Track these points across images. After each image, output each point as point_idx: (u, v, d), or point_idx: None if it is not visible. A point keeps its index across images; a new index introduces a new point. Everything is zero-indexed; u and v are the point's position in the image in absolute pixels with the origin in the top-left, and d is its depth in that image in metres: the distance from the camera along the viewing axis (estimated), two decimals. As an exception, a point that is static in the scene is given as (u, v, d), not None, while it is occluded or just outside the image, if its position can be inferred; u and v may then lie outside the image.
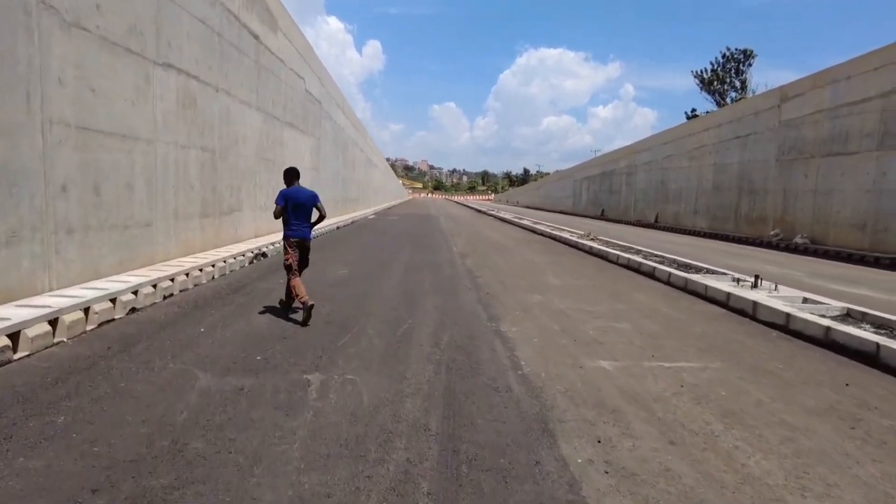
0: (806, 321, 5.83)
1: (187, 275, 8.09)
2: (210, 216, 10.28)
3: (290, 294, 6.41)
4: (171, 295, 7.46)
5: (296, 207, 6.69)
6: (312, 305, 6.13)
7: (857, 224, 17.07)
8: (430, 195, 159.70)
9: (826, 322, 5.67)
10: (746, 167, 23.10)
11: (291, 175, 6.79)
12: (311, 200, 6.88)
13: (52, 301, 5.54)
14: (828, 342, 5.47)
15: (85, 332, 5.52)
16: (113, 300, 6.23)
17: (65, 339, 5.28)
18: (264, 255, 11.62)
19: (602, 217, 40.73)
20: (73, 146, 6.37)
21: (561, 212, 50.89)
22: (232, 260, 9.83)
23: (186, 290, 7.89)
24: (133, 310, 6.48)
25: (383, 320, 6.31)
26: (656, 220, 32.17)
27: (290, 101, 15.96)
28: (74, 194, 6.39)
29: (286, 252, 6.64)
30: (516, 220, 28.20)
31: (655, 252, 12.96)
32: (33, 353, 4.78)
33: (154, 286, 7.14)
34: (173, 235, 8.91)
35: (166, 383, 4.18)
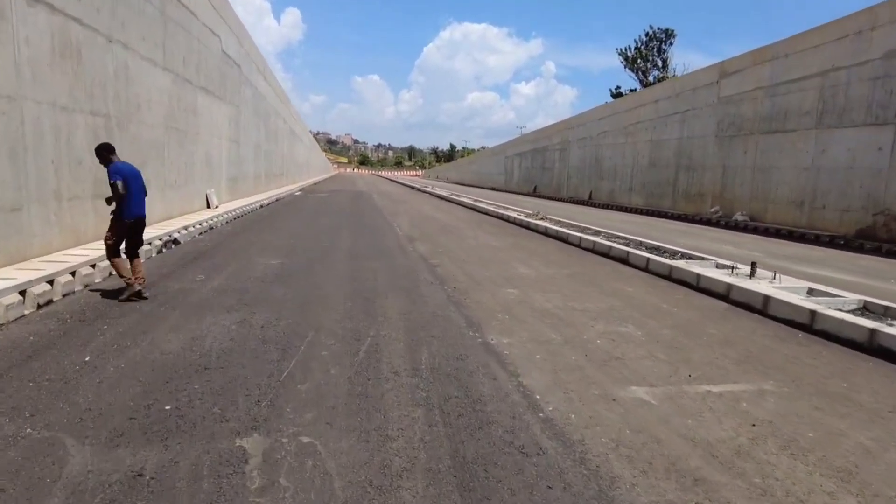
0: (840, 321, 5.02)
1: (73, 274, 6.28)
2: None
3: (128, 277, 5.90)
4: (50, 303, 5.67)
5: (134, 182, 6.04)
6: (140, 291, 5.87)
7: (796, 201, 17.21)
8: (355, 170, 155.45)
9: (867, 323, 4.86)
10: (685, 143, 23.04)
11: (109, 150, 6.04)
12: (140, 174, 6.33)
13: None
14: (874, 348, 4.67)
15: None
16: (-47, 319, 4.45)
17: None
18: (175, 241, 9.75)
19: (534, 194, 40.39)
20: None
21: (492, 188, 50.30)
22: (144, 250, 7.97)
23: (73, 293, 6.10)
24: (-13, 329, 4.71)
25: (337, 334, 4.92)
26: (590, 198, 32.07)
27: (204, 62, 13.78)
28: None
29: (112, 232, 5.96)
30: (454, 197, 27.03)
31: (615, 233, 12.18)
32: None
33: (22, 293, 5.34)
34: (55, 222, 6.99)
35: (15, 469, 2.64)
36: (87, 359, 4.18)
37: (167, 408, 3.39)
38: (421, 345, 4.67)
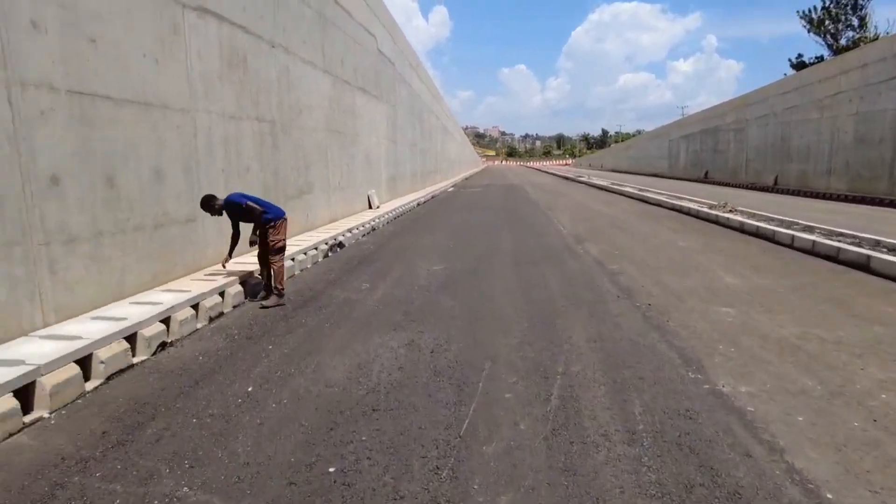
0: None
1: (244, 283, 6.20)
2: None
3: (275, 280, 6.08)
4: (221, 315, 5.57)
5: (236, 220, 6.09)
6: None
7: None
8: (503, 162, 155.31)
9: None
10: (910, 112, 18.73)
11: (211, 199, 5.89)
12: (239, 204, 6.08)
13: (31, 350, 3.69)
14: None
15: (83, 395, 3.65)
16: (131, 337, 4.36)
17: (45, 415, 3.42)
18: (340, 245, 9.68)
19: (706, 180, 36.40)
20: (67, 119, 4.47)
21: (654, 175, 46.48)
22: (302, 256, 7.90)
23: (242, 304, 6.00)
24: (163, 346, 4.61)
25: (517, 368, 4.06)
26: (775, 183, 27.84)
27: (361, 62, 13.83)
28: (73, 189, 4.52)
29: (282, 233, 6.14)
30: (615, 186, 25.02)
31: (834, 229, 9.87)
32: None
33: (195, 306, 5.26)
34: (227, 231, 7.03)
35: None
36: (250, 389, 3.79)
37: (331, 470, 2.78)
38: (628, 391, 3.63)
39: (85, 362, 3.90)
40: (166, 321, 4.81)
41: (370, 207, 14.47)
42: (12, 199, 4.00)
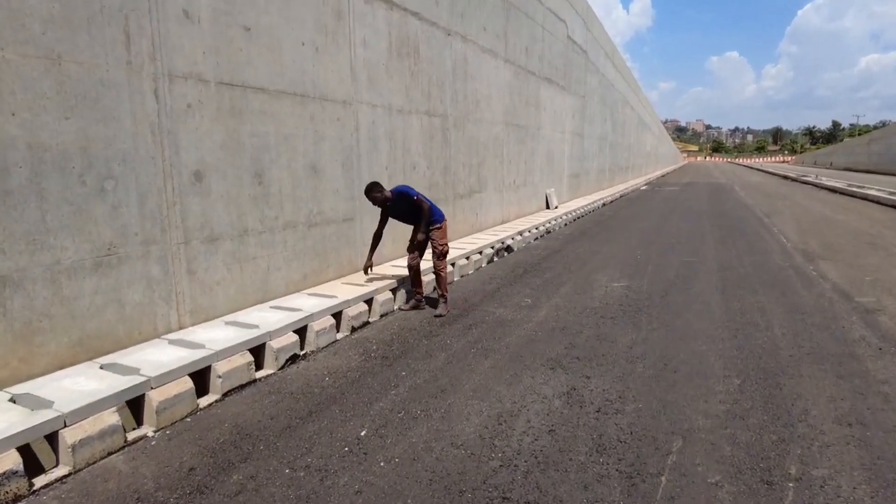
0: None
1: (394, 291, 5.66)
2: (440, 202, 7.79)
3: (439, 287, 5.53)
4: (365, 325, 5.08)
5: (395, 212, 5.54)
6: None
7: None
8: (707, 159, 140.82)
9: None
10: None
11: (376, 188, 5.30)
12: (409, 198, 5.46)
13: (152, 356, 3.45)
14: None
15: (195, 411, 3.30)
16: (259, 348, 4.00)
17: (149, 433, 3.10)
18: (508, 249, 8.83)
19: None
20: (214, 112, 4.25)
21: (910, 174, 37.52)
22: (464, 261, 7.22)
23: (390, 313, 5.46)
24: (294, 358, 4.19)
25: (730, 464, 2.76)
26: None
27: (548, 50, 12.78)
28: (218, 184, 4.30)
29: (446, 237, 5.60)
30: (854, 189, 20.28)
31: None
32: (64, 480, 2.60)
33: (337, 314, 4.82)
34: (388, 232, 6.60)
35: None
36: (363, 433, 3.10)
37: None
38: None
39: (203, 374, 3.58)
40: (303, 330, 4.41)
41: (547, 207, 13.40)
42: (153, 196, 3.83)
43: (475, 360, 4.18)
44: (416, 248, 5.47)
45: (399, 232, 6.23)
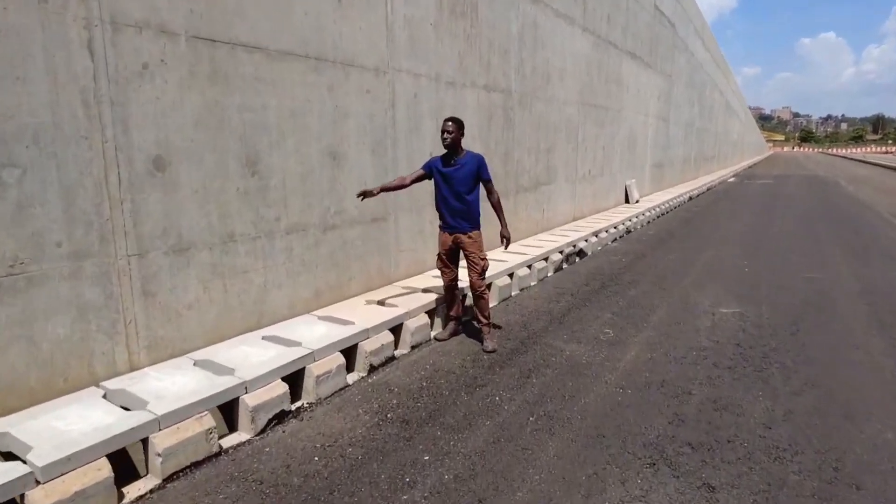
0: None
1: (431, 314, 4.42)
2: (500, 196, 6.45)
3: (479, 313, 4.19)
4: (389, 362, 3.86)
5: (448, 181, 4.02)
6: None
7: None
8: (795, 148, 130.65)
9: None
10: None
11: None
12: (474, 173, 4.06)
13: (75, 421, 2.35)
14: None
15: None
16: (230, 404, 2.86)
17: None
18: (580, 253, 7.37)
19: None
20: (186, 77, 3.11)
21: None
22: (525, 271, 5.86)
23: (424, 344, 4.22)
24: (280, 417, 3.03)
25: None
26: None
27: (632, 20, 11.05)
28: (191, 175, 3.18)
29: (482, 248, 4.17)
30: None
31: None
32: None
33: (349, 350, 3.62)
34: (430, 234, 5.36)
35: None
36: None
37: None
38: None
39: (139, 449, 2.47)
40: (299, 374, 3.24)
41: (626, 202, 11.72)
42: (86, 191, 2.74)
43: (534, 439, 2.86)
44: (448, 259, 4.18)
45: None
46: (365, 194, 3.85)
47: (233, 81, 3.36)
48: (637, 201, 11.88)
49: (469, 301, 4.46)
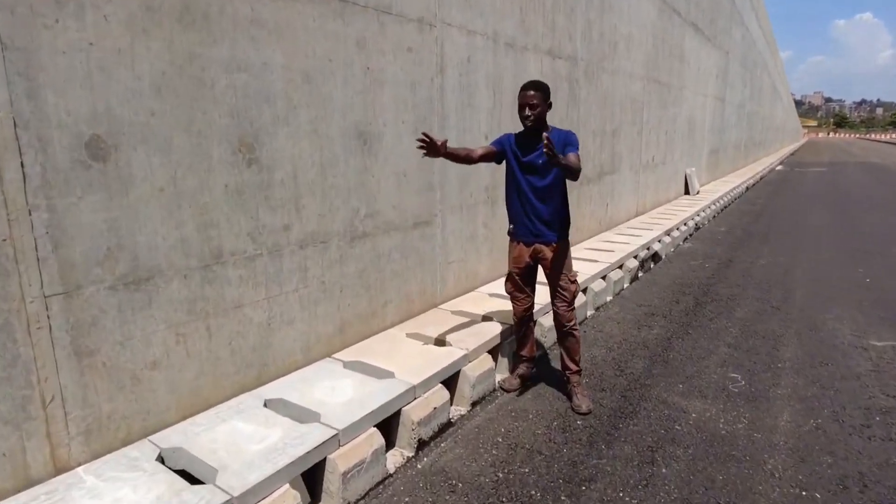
0: None
1: (495, 353, 3.27)
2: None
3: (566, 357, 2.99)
4: (442, 431, 2.73)
5: (527, 169, 2.84)
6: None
7: None
8: (830, 135, 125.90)
9: None
10: None
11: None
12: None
13: None
14: None
15: None
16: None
17: None
18: (655, 257, 6.14)
19: None
20: (137, 20, 1.98)
21: None
22: (600, 284, 4.67)
23: (487, 397, 3.08)
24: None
25: None
26: None
27: (696, -15, 9.67)
28: (150, 166, 2.07)
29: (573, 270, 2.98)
30: None
31: None
32: None
33: (391, 421, 2.50)
34: (483, 240, 4.20)
35: None
36: None
37: None
38: None
39: None
40: (318, 467, 2.13)
41: (686, 193, 10.40)
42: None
43: None
44: (523, 281, 3.03)
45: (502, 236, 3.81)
46: (430, 145, 2.55)
47: (217, 25, 2.23)
48: (698, 192, 10.54)
49: (542, 334, 3.30)
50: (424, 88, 3.39)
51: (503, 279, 4.23)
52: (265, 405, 2.42)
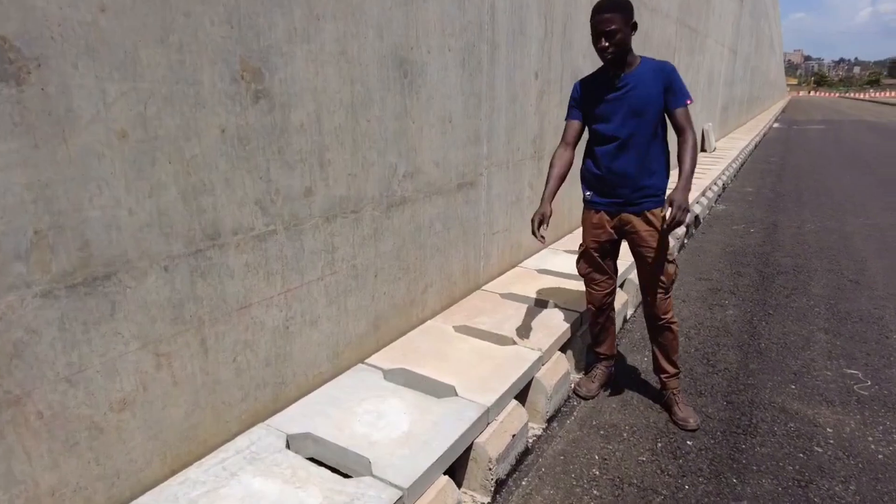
0: None
1: (566, 348, 2.57)
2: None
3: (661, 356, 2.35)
4: (520, 464, 2.05)
5: (606, 117, 2.15)
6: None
7: None
8: (812, 93, 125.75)
9: None
10: None
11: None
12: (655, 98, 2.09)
13: None
14: None
15: None
16: None
17: None
18: (696, 221, 5.49)
19: None
20: None
21: None
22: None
23: (563, 408, 2.41)
24: None
25: None
26: None
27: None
28: (96, 97, 1.26)
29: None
30: None
31: None
32: None
33: (459, 464, 1.79)
34: (529, 204, 3.49)
35: None
36: None
37: None
38: None
39: None
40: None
41: (703, 150, 9.72)
42: None
43: None
44: (603, 258, 2.34)
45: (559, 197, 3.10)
46: (542, 223, 2.13)
47: None
48: (714, 149, 9.88)
49: (634, 325, 2.63)
50: (472, 8, 2.58)
51: (548, 251, 3.54)
52: (287, 445, 1.71)
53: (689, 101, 2.10)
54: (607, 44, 2.02)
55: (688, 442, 2.19)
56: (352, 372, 2.14)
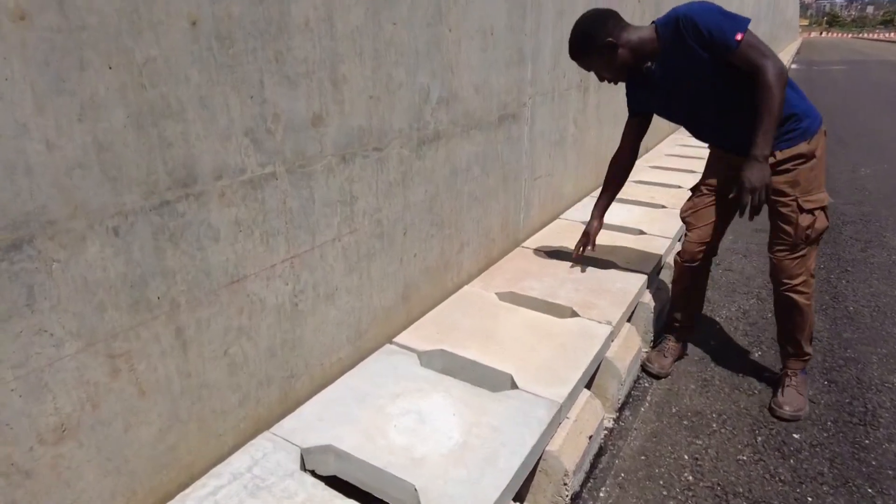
0: None
1: (631, 318, 2.10)
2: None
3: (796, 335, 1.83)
4: (597, 460, 1.61)
5: (663, 109, 1.84)
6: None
7: None
8: (824, 34, 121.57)
9: None
10: None
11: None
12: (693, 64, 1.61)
13: None
14: None
15: None
16: None
17: None
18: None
19: None
20: None
21: None
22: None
23: (634, 393, 1.97)
24: None
25: None
26: None
27: None
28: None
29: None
30: None
31: None
32: None
33: (530, 481, 1.35)
34: (572, 145, 2.96)
35: None
36: None
37: None
38: None
39: None
40: None
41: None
42: None
43: None
44: (718, 199, 1.86)
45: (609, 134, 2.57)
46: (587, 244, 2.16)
47: None
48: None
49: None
50: None
51: (591, 200, 3.07)
52: (303, 465, 1.28)
53: (739, 36, 1.52)
54: (602, 79, 1.79)
55: (794, 435, 1.77)
56: (379, 355, 1.69)
